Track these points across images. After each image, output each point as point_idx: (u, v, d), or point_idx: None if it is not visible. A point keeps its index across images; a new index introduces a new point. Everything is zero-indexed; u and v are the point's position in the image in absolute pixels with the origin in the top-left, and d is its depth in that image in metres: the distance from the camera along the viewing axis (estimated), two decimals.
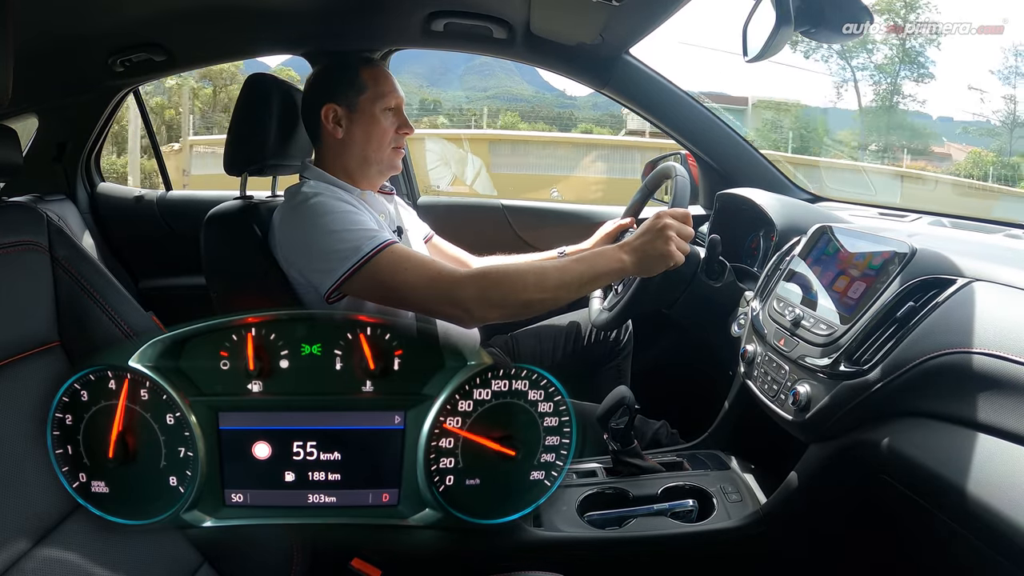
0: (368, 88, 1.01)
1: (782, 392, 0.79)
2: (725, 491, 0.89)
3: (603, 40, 1.21)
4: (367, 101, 1.01)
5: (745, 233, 1.24)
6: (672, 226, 0.89)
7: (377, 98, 1.01)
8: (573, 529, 0.84)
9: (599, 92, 1.43)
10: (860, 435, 0.68)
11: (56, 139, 1.73)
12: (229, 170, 1.09)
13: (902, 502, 0.66)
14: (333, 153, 1.03)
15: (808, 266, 0.86)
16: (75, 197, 1.81)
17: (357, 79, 1.01)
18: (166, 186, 1.91)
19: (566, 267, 0.89)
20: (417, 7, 1.22)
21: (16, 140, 0.67)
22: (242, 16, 1.20)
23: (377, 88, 1.01)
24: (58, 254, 0.65)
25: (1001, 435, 0.54)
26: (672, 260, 0.89)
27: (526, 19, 1.20)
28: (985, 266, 0.66)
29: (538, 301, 0.88)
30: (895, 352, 0.65)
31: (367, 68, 1.03)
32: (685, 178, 1.01)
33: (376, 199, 1.05)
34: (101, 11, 1.11)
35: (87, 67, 1.39)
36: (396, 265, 0.88)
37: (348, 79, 1.01)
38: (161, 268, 1.82)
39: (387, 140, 1.02)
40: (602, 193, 6.65)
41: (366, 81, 1.01)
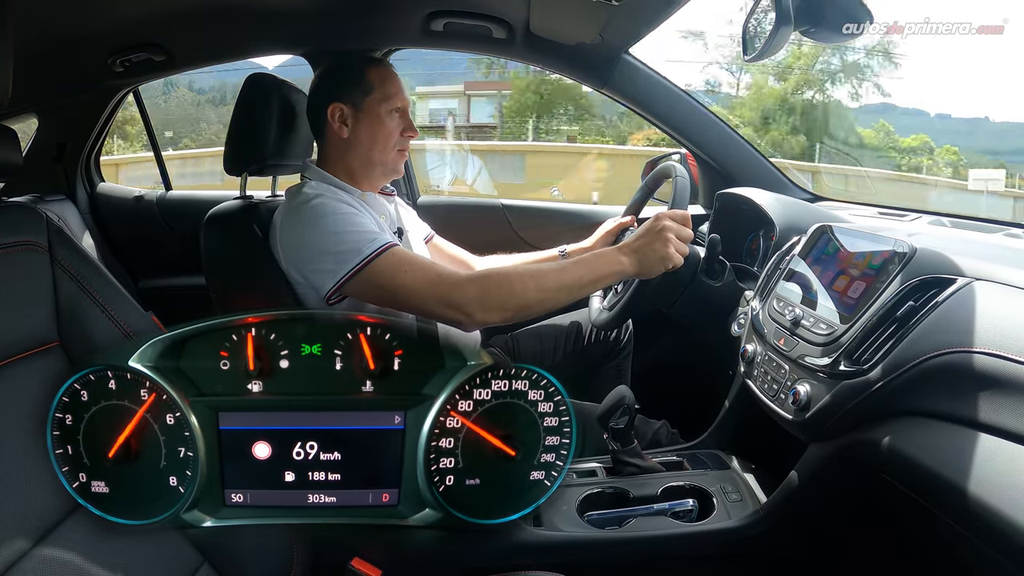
0: (375, 89, 1.01)
1: (782, 392, 0.79)
2: (725, 491, 0.89)
3: (603, 40, 1.21)
4: (374, 102, 1.00)
5: (745, 233, 1.24)
6: (671, 228, 0.89)
7: (384, 99, 1.01)
8: (573, 529, 0.84)
9: (599, 92, 1.43)
10: (860, 435, 0.68)
11: (56, 139, 1.74)
12: (229, 170, 1.09)
13: (902, 502, 0.66)
14: (337, 153, 1.03)
15: (808, 265, 0.86)
16: (75, 197, 1.81)
17: (364, 79, 1.01)
18: (166, 186, 1.91)
19: (565, 269, 0.89)
20: (417, 7, 1.22)
21: (16, 140, 0.67)
22: (242, 16, 1.20)
23: (384, 89, 1.01)
24: (58, 254, 0.65)
25: (1001, 435, 0.54)
26: (671, 262, 0.90)
27: (526, 19, 1.20)
28: (985, 265, 0.66)
29: (537, 304, 0.88)
30: (895, 351, 0.65)
31: (374, 68, 1.03)
32: (685, 179, 1.01)
33: (377, 200, 1.05)
34: (101, 11, 1.11)
35: (87, 67, 1.39)
36: (396, 268, 0.89)
37: (355, 79, 1.01)
38: (161, 268, 1.82)
39: (392, 142, 1.02)
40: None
41: (373, 81, 1.01)
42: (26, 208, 0.66)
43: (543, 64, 1.45)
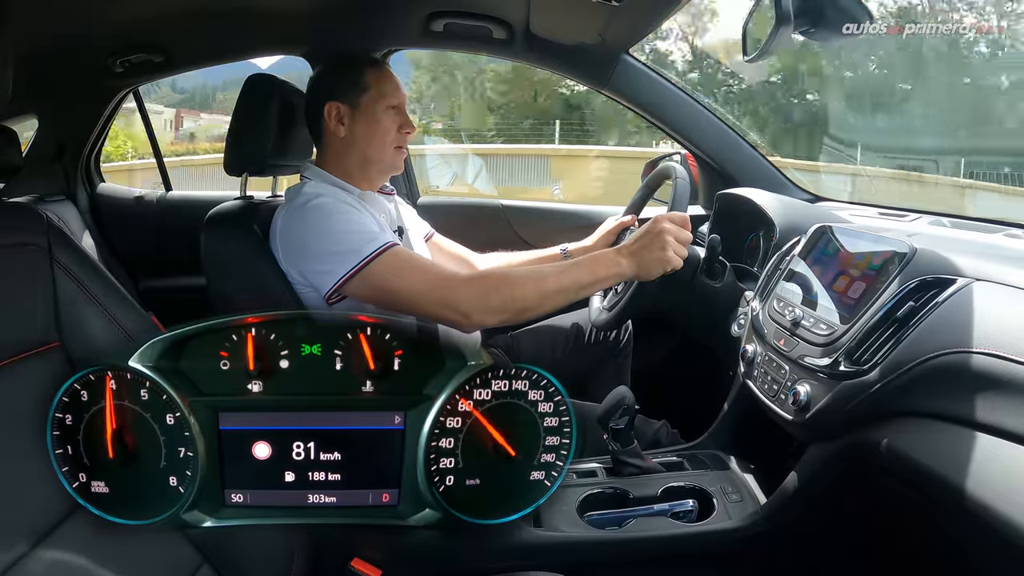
0: (371, 87, 1.01)
1: (782, 392, 0.79)
2: (725, 491, 0.89)
3: (603, 40, 1.21)
4: (370, 100, 1.01)
5: (745, 233, 1.24)
6: (670, 230, 0.90)
7: (380, 97, 1.01)
8: (573, 529, 0.84)
9: (599, 92, 1.43)
10: (860, 435, 0.68)
11: (56, 139, 1.73)
12: (229, 170, 1.09)
13: (902, 502, 0.66)
14: (335, 152, 1.03)
15: (808, 266, 0.86)
16: (75, 198, 1.81)
17: (361, 78, 1.01)
18: (166, 186, 1.91)
19: (564, 271, 0.90)
20: (417, 7, 1.22)
21: (16, 140, 0.67)
22: (241, 16, 1.20)
23: (380, 87, 1.01)
24: (57, 255, 0.65)
25: (1001, 435, 0.54)
26: (670, 264, 0.90)
27: (526, 19, 1.20)
28: (985, 266, 0.66)
29: (536, 306, 0.88)
30: (895, 352, 0.65)
31: (370, 67, 1.03)
32: (685, 180, 1.01)
33: (377, 199, 1.05)
34: (100, 12, 1.11)
35: (87, 67, 1.39)
36: (396, 268, 0.89)
37: (351, 78, 1.01)
38: (161, 268, 1.81)
39: (389, 139, 1.02)
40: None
41: (369, 80, 1.01)
42: (26, 208, 0.66)
43: (543, 64, 1.45)
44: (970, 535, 0.57)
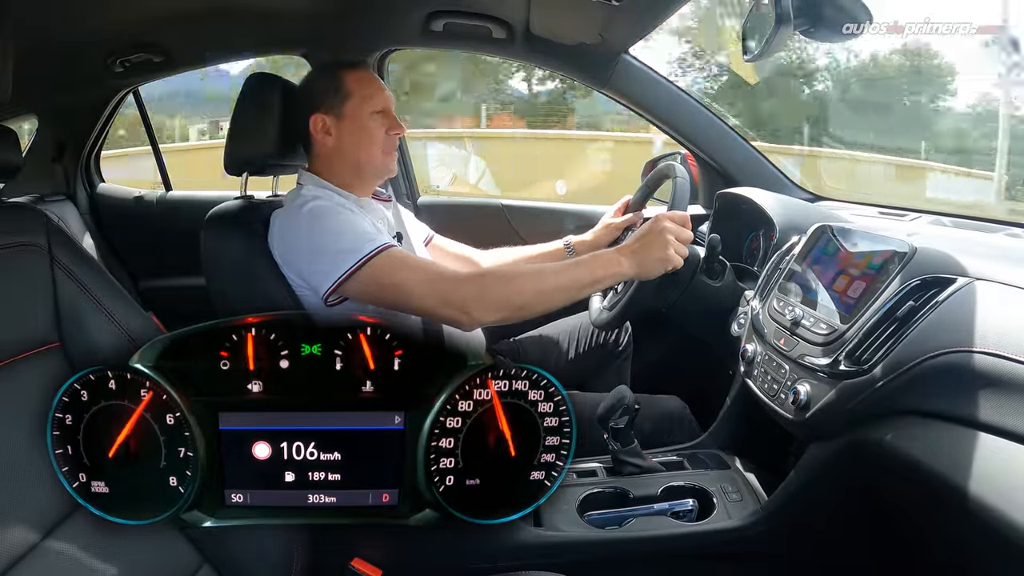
0: (353, 93, 1.00)
1: (782, 391, 0.79)
2: (725, 491, 0.89)
3: (603, 40, 1.21)
4: (354, 106, 0.99)
5: (745, 233, 1.24)
6: (670, 230, 0.89)
7: (363, 102, 1.00)
8: (573, 529, 0.84)
9: (599, 92, 1.43)
10: (860, 434, 0.68)
11: (56, 139, 1.74)
12: (229, 169, 1.09)
13: (902, 501, 0.66)
14: (325, 161, 1.02)
15: (808, 265, 0.86)
16: (75, 198, 1.81)
17: (342, 86, 1.00)
18: (166, 186, 1.91)
19: (564, 271, 0.90)
20: (417, 7, 1.22)
21: (16, 140, 0.67)
22: (241, 16, 1.20)
23: (362, 92, 1.00)
24: (57, 255, 0.65)
25: (1002, 434, 0.54)
26: (670, 264, 0.90)
27: (526, 19, 1.20)
28: (985, 265, 0.66)
29: (536, 304, 0.88)
30: (895, 351, 0.65)
31: (351, 73, 1.01)
32: (685, 180, 1.01)
33: (374, 206, 1.04)
34: (100, 12, 1.12)
35: (87, 67, 1.39)
36: (394, 267, 0.89)
37: (332, 87, 1.00)
38: (161, 268, 1.82)
39: (377, 143, 1.01)
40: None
41: (351, 86, 1.00)
42: (26, 208, 0.67)
43: (543, 64, 1.45)
44: (970, 534, 0.57)
